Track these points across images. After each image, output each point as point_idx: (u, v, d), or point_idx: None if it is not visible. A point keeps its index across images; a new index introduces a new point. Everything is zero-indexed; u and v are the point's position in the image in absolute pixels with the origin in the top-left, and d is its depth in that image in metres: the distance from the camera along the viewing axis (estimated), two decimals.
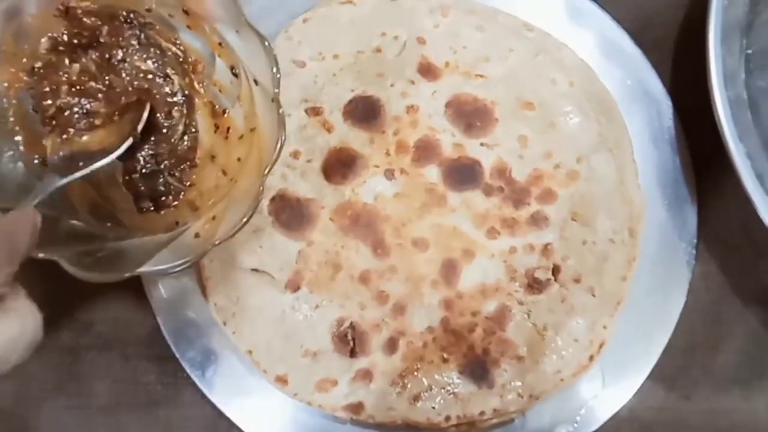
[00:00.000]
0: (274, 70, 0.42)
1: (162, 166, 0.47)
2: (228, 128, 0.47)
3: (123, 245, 0.44)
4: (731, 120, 0.52)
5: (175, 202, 0.46)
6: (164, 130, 0.47)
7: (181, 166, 0.47)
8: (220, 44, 0.46)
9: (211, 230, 0.44)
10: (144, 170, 0.46)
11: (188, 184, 0.47)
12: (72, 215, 0.45)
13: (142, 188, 0.46)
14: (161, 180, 0.46)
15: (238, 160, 0.46)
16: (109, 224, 0.46)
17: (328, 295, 0.55)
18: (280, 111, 0.42)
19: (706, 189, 0.58)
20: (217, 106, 0.47)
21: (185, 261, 0.41)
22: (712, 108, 0.52)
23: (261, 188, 0.42)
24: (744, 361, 0.57)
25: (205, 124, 0.47)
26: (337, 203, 0.56)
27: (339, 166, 0.56)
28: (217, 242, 0.42)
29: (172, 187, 0.46)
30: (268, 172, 0.42)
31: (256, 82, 0.44)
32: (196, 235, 0.44)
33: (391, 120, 0.57)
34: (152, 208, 0.46)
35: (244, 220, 0.41)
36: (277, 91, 0.42)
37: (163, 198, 0.46)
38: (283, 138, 0.42)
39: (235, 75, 0.46)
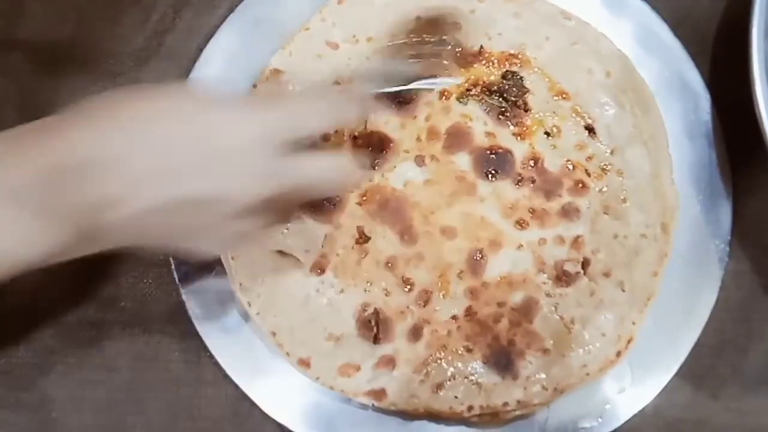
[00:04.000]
0: None
1: None
2: None
3: None
4: None
5: None
6: None
7: None
8: None
9: None
10: None
11: None
12: None
13: None
14: None
15: None
16: None
17: (353, 279, 0.54)
18: None
19: (742, 186, 0.57)
20: None
21: None
22: (753, 103, 0.51)
23: None
24: None
25: None
26: (367, 188, 0.55)
27: (369, 150, 0.56)
28: None
29: None
30: None
31: None
32: None
33: (423, 106, 0.57)
34: None
35: None
36: None
37: None
38: None
39: None
